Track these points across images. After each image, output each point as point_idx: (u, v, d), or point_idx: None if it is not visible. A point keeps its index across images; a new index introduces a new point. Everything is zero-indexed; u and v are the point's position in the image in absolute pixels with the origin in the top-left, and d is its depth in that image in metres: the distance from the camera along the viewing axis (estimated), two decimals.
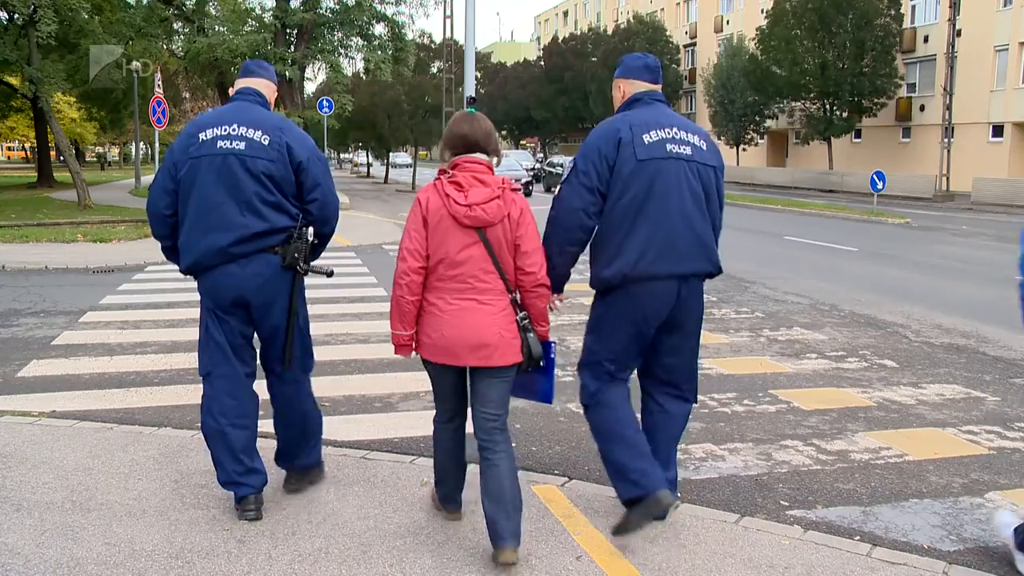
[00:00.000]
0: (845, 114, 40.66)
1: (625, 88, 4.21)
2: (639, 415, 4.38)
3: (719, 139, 51.66)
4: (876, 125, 43.32)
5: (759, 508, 4.63)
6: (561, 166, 36.64)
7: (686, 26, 64.19)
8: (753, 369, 7.57)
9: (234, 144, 4.09)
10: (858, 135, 45.01)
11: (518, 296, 3.90)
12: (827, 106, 40.89)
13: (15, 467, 4.89)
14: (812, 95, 40.75)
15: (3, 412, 6.03)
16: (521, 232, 3.81)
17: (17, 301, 10.72)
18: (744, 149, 51.50)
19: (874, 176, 25.85)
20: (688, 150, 4.02)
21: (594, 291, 4.34)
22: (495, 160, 3.94)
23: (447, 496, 4.28)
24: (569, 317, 9.76)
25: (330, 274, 4.51)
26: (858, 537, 4.26)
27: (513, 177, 24.22)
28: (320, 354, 7.80)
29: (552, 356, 4.14)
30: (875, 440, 5.70)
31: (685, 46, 63.58)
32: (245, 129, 4.12)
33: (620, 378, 4.32)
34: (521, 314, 3.90)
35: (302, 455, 4.61)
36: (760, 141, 51.02)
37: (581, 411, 6.14)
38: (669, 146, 3.98)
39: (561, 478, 4.89)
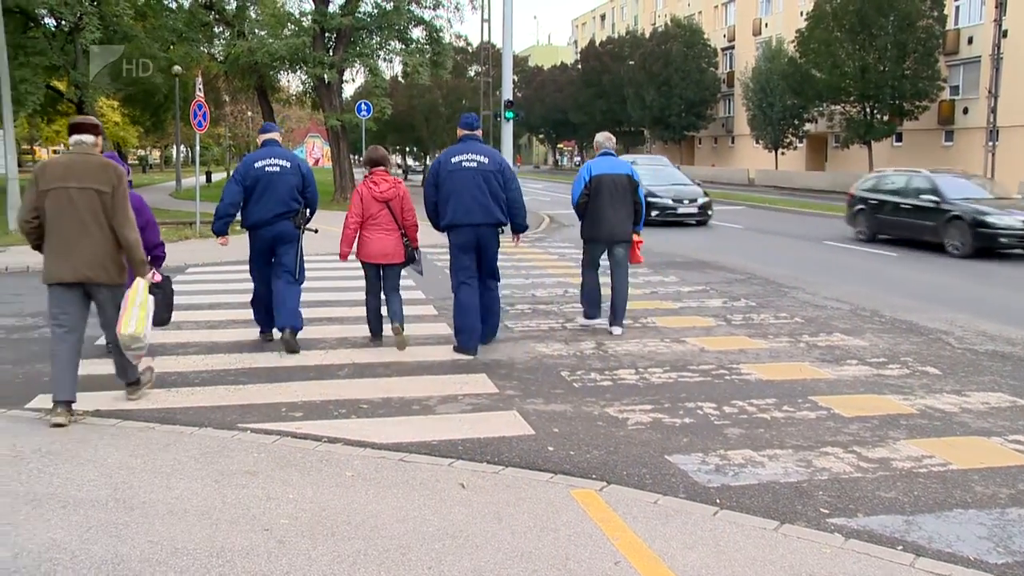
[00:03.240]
0: (886, 117, 40.17)
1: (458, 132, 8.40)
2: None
3: (757, 143, 51.33)
4: (918, 128, 42.75)
5: (799, 515, 4.57)
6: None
7: (724, 29, 63.80)
8: (793, 375, 7.49)
9: (273, 168, 8.06)
10: (899, 138, 44.46)
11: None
12: (867, 109, 40.41)
13: (61, 464, 4.97)
14: (852, 98, 40.30)
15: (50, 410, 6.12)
16: (404, 202, 8.25)
17: None
18: (783, 153, 51.09)
19: None
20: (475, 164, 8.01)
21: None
22: (388, 167, 8.45)
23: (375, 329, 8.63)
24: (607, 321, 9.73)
25: (315, 231, 8.72)
26: (901, 547, 4.19)
27: (688, 197, 22.13)
28: (359, 356, 7.90)
29: (418, 257, 8.44)
30: (918, 448, 5.62)
31: (723, 49, 63.18)
32: (278, 161, 8.10)
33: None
34: (406, 239, 8.27)
35: (292, 316, 8.14)
36: (799, 145, 50.56)
37: (620, 416, 6.17)
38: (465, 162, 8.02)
39: (599, 482, 4.87)
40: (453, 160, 7.98)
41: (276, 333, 8.30)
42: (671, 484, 4.99)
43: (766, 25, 57.90)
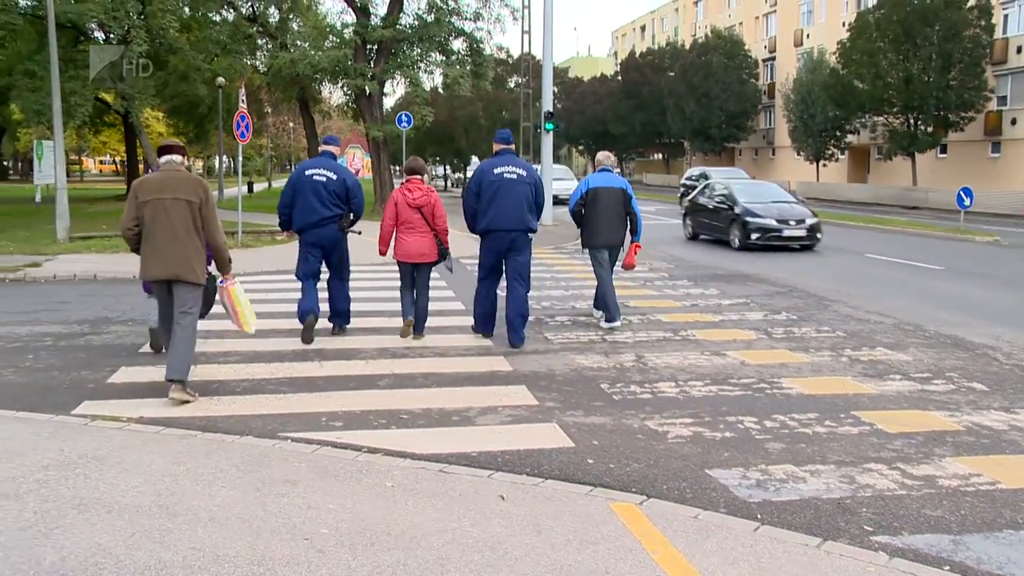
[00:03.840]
0: (930, 129, 39.62)
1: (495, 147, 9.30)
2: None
3: (798, 154, 50.89)
4: (963, 140, 42.14)
5: (842, 532, 4.51)
6: (700, 179, 32.60)
7: (765, 40, 63.40)
8: (835, 389, 7.40)
9: (320, 177, 9.04)
10: (944, 150, 43.86)
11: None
12: (911, 120, 39.90)
13: (107, 470, 5.04)
14: (896, 109, 39.80)
15: (95, 416, 6.23)
16: (436, 209, 8.99)
17: (108, 309, 11.06)
18: (824, 165, 50.59)
19: (961, 192, 25.09)
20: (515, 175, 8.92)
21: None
22: (425, 177, 9.27)
23: (407, 312, 9.28)
24: (647, 333, 9.69)
25: (359, 233, 9.64)
26: (948, 567, 4.12)
27: (795, 217, 19.49)
28: (398, 367, 7.93)
29: (450, 256, 9.28)
30: (964, 466, 5.52)
31: (764, 60, 62.80)
32: (325, 171, 9.09)
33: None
34: (438, 240, 9.03)
35: (340, 315, 9.51)
36: (841, 157, 50.04)
37: (660, 429, 6.14)
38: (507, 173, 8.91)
39: (639, 496, 4.84)
40: (495, 171, 8.87)
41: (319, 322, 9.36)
42: (712, 499, 4.95)
43: (807, 36, 57.45)
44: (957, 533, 4.52)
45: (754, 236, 18.94)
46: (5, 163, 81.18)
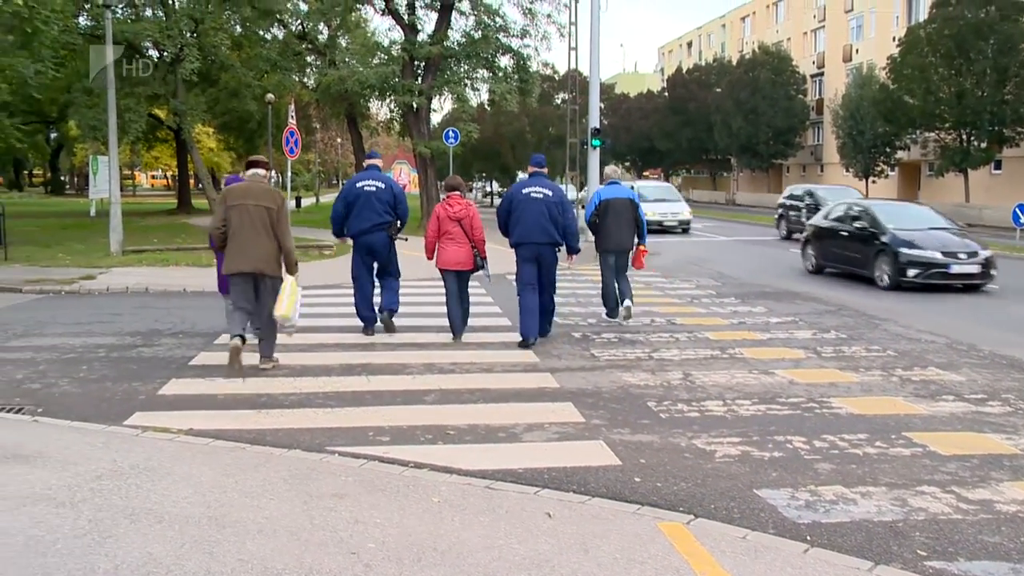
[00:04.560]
0: (984, 144, 38.92)
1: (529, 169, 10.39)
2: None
3: (847, 171, 50.27)
4: (1019, 155, 41.30)
5: (895, 556, 4.43)
6: (804, 198, 28.53)
7: (813, 56, 62.86)
8: (885, 409, 7.27)
9: (371, 188, 10.13)
10: (998, 166, 43.05)
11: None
12: (964, 136, 39.25)
13: (158, 481, 5.10)
14: (948, 125, 39.15)
15: (147, 427, 6.33)
16: (474, 221, 9.93)
17: (159, 322, 11.24)
18: (873, 181, 49.93)
19: (1017, 209, 24.59)
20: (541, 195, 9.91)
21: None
22: (462, 192, 10.21)
23: (456, 328, 10.15)
24: (694, 351, 9.62)
25: (405, 239, 10.81)
26: None
27: (965, 250, 15.08)
28: (445, 382, 7.95)
29: (486, 265, 10.14)
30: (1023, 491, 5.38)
31: (812, 76, 62.23)
32: (374, 181, 10.20)
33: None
34: (475, 251, 9.96)
35: (389, 303, 10.44)
36: (890, 173, 49.37)
37: (707, 448, 6.08)
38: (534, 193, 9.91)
39: (686, 515, 4.79)
40: (524, 191, 9.98)
41: (378, 325, 10.41)
42: (760, 519, 4.88)
43: (857, 51, 56.87)
44: (1017, 561, 4.41)
45: (911, 273, 15.02)
46: (62, 178, 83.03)
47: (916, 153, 46.19)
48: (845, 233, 17.16)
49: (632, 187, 29.72)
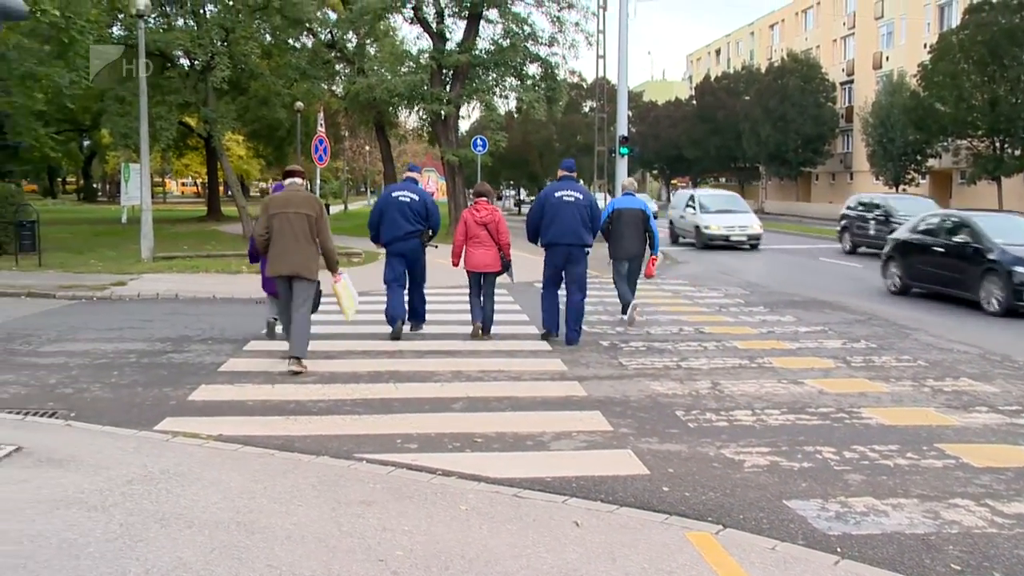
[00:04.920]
0: (1018, 152, 38.45)
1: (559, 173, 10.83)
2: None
3: (877, 179, 49.89)
4: None
5: (928, 570, 4.37)
6: (874, 208, 25.45)
7: (843, 63, 62.47)
8: (917, 420, 7.20)
9: (404, 198, 10.65)
10: None
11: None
12: (997, 144, 38.81)
13: (188, 486, 5.14)
14: (980, 132, 38.76)
15: (176, 433, 6.38)
16: (500, 226, 10.57)
17: (188, 328, 11.34)
18: (904, 189, 49.45)
19: None
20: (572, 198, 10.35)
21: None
22: (489, 198, 10.99)
23: (475, 316, 10.74)
24: (723, 360, 9.57)
25: (436, 247, 11.44)
26: None
27: None
28: (473, 390, 7.95)
29: (510, 267, 10.73)
30: None
31: (842, 84, 61.83)
32: (409, 193, 10.72)
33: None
34: (501, 253, 10.55)
35: (416, 315, 10.98)
36: (921, 181, 48.92)
37: (736, 457, 6.04)
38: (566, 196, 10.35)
39: (715, 526, 4.76)
40: (555, 195, 10.43)
41: (405, 328, 10.80)
42: (790, 530, 4.85)
43: (887, 58, 56.44)
44: None
45: None
46: (94, 185, 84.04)
47: (948, 161, 45.76)
48: (940, 249, 15.07)
49: (692, 193, 28.49)
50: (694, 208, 27.92)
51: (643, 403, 7.64)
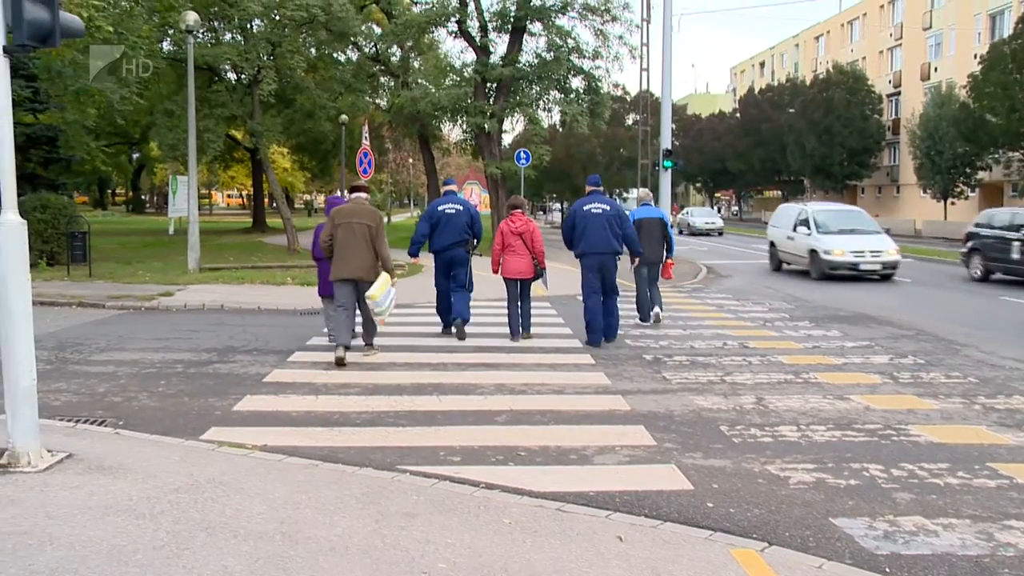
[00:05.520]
0: None
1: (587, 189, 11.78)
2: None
3: (924, 192, 49.21)
4: None
5: None
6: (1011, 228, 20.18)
7: (890, 75, 61.75)
8: (968, 439, 7.05)
9: (451, 211, 11.57)
10: None
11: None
12: None
13: (233, 495, 5.19)
14: None
15: (222, 443, 6.45)
16: (534, 236, 11.42)
17: (234, 339, 11.47)
18: (952, 203, 48.72)
19: None
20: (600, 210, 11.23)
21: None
22: (523, 210, 11.95)
23: (514, 329, 11.41)
24: (767, 375, 9.47)
25: (480, 255, 12.84)
26: None
27: None
28: (516, 403, 7.95)
29: (544, 274, 11.48)
30: None
31: (888, 96, 61.08)
32: (454, 205, 11.65)
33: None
34: (536, 261, 11.34)
35: (461, 313, 11.39)
36: (971, 194, 48.13)
37: (781, 474, 5.97)
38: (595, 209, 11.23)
39: (760, 543, 4.70)
40: (585, 208, 11.34)
41: (452, 330, 11.57)
42: (836, 549, 4.77)
43: (935, 69, 55.68)
44: None
45: None
46: (143, 197, 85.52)
47: (999, 173, 44.97)
48: None
49: (804, 209, 23.45)
50: (808, 227, 22.19)
51: (687, 418, 7.58)
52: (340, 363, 9.52)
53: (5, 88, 5.56)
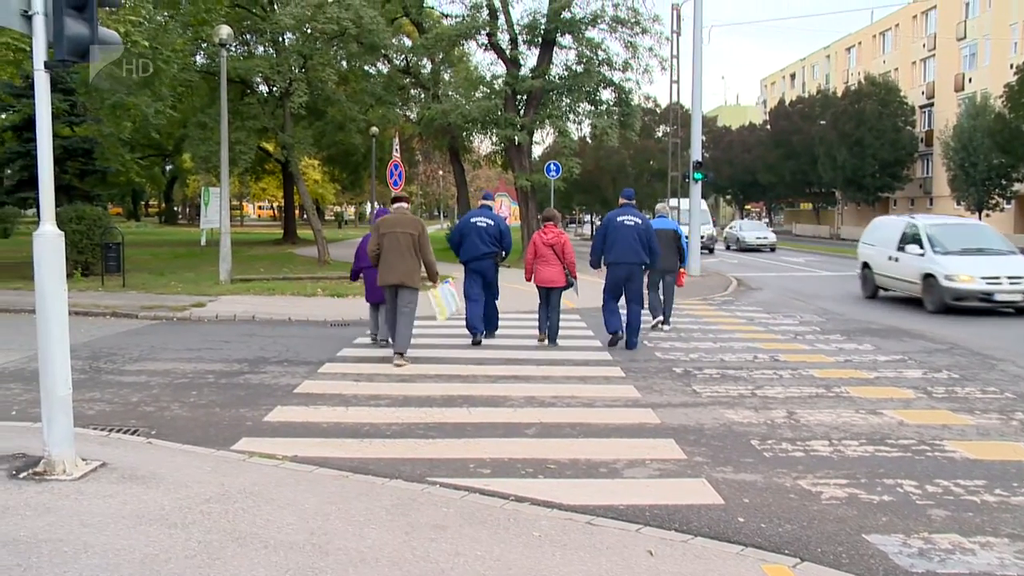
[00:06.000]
0: None
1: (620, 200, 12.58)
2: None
3: (958, 204, 48.67)
4: None
5: None
6: None
7: (923, 86, 61.20)
8: (1005, 455, 6.95)
9: (482, 224, 12.14)
10: None
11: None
12: None
13: (263, 505, 5.22)
14: None
15: (253, 453, 6.49)
16: (565, 247, 12.11)
17: (265, 350, 11.55)
18: (987, 215, 48.09)
19: None
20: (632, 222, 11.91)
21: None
22: (556, 223, 12.58)
23: (541, 326, 12.32)
24: (798, 389, 9.39)
25: (508, 266, 14.94)
26: None
27: None
28: (546, 416, 7.94)
29: (575, 283, 12.19)
30: None
31: (921, 107, 60.55)
32: (485, 219, 12.20)
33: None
34: (567, 271, 12.05)
35: (491, 324, 12.28)
36: (1006, 206, 47.54)
37: (813, 489, 5.91)
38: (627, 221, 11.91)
39: (792, 559, 4.65)
40: (617, 220, 12.01)
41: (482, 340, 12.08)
42: (870, 566, 4.71)
43: (970, 80, 55.11)
44: None
45: None
46: (175, 208, 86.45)
47: None
48: None
49: (913, 223, 18.67)
50: (920, 246, 17.86)
51: (717, 431, 7.53)
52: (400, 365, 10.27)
53: (46, 103, 5.65)
